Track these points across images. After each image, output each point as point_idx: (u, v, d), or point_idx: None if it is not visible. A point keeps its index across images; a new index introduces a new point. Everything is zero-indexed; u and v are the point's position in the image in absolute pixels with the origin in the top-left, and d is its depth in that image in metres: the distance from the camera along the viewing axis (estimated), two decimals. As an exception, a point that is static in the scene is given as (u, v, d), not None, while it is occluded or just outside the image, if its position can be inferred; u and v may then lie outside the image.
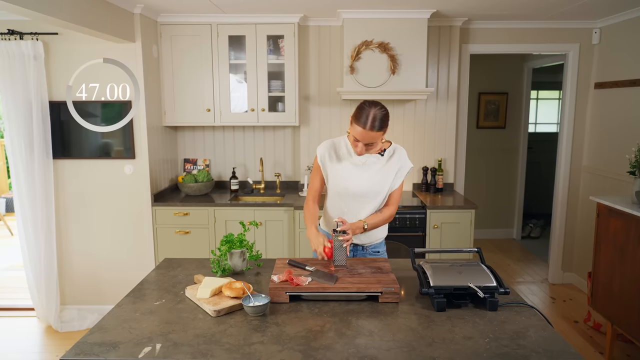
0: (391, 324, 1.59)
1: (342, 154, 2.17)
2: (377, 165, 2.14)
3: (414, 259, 1.94)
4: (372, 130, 1.95)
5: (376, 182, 2.13)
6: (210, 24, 3.66)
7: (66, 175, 3.59)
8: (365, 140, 1.98)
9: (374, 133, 1.96)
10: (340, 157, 2.17)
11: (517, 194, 5.75)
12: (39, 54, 3.31)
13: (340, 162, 2.17)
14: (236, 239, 2.06)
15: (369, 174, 2.13)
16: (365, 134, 1.96)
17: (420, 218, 3.48)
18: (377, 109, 1.96)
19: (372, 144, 2.01)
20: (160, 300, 1.79)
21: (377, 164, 2.14)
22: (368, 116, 1.94)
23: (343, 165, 2.16)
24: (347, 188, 2.14)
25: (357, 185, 2.13)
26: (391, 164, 2.14)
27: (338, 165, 2.17)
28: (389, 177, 2.14)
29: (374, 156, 2.14)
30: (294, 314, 1.66)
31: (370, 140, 1.98)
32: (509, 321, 1.61)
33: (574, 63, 4.10)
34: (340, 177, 2.16)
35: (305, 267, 1.93)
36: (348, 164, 2.15)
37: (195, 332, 1.53)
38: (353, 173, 2.14)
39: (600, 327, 3.47)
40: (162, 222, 3.61)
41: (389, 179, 2.14)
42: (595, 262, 3.21)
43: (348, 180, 2.14)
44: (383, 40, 3.57)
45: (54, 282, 3.51)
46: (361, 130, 1.96)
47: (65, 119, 3.49)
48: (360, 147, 2.01)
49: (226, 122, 3.81)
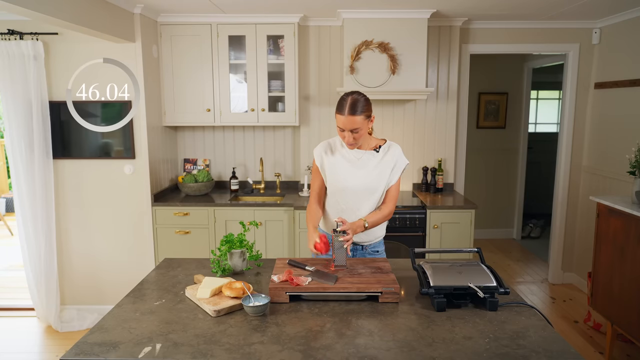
0: (391, 324, 1.59)
1: (337, 152, 2.20)
2: (373, 162, 2.15)
3: (414, 259, 1.94)
4: (351, 114, 1.99)
5: (373, 179, 2.14)
6: (210, 24, 3.66)
7: (66, 175, 3.59)
8: (348, 126, 2.01)
9: (355, 117, 2.00)
10: (336, 155, 2.19)
11: (517, 194, 5.75)
12: (39, 54, 3.31)
13: (336, 160, 2.19)
14: (236, 239, 2.06)
15: (365, 170, 2.15)
16: (346, 120, 2.00)
17: (420, 218, 3.48)
18: (355, 94, 2.04)
19: (358, 129, 2.02)
20: (160, 300, 1.79)
21: (372, 160, 2.16)
22: (346, 102, 2.01)
23: (339, 163, 2.18)
24: (344, 185, 2.16)
25: (354, 181, 2.14)
26: (386, 160, 2.16)
27: (335, 164, 2.18)
28: (385, 173, 2.15)
29: (370, 152, 2.16)
30: (294, 314, 1.66)
31: (353, 125, 2.01)
32: (509, 321, 1.61)
33: (574, 63, 4.10)
34: (337, 174, 2.17)
35: (305, 267, 1.93)
36: (344, 161, 2.17)
37: (195, 332, 1.53)
38: (349, 170, 2.16)
39: (600, 327, 3.47)
40: (162, 222, 3.61)
41: (385, 175, 2.15)
42: (595, 262, 3.21)
43: (345, 177, 2.16)
44: (383, 40, 3.57)
45: (54, 282, 3.51)
46: (342, 117, 2.01)
47: (65, 119, 3.49)
48: (348, 136, 2.04)
49: (226, 122, 3.81)
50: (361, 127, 2.03)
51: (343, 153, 2.19)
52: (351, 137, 2.04)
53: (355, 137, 2.05)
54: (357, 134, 2.04)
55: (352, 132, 2.03)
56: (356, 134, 2.04)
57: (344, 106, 2.00)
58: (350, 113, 1.99)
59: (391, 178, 2.16)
